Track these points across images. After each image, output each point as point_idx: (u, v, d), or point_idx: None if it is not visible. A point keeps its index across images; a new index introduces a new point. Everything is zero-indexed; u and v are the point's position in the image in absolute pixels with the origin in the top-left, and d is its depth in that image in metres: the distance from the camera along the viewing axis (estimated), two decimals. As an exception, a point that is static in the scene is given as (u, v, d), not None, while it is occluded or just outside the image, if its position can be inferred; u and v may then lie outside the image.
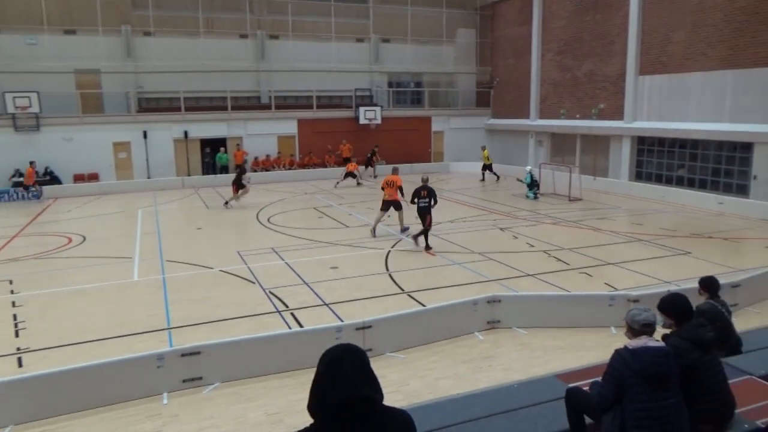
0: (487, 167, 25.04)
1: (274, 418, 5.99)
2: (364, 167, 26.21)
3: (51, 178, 23.44)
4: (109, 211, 19.41)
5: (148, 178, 24.85)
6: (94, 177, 24.34)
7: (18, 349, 7.77)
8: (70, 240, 14.65)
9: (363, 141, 28.38)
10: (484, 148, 26.03)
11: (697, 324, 3.96)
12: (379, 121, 28.15)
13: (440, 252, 12.51)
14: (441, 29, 30.83)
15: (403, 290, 9.93)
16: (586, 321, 8.03)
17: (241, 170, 19.89)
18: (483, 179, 24.99)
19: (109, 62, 25.41)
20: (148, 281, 10.87)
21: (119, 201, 21.18)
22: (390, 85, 30.78)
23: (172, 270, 11.53)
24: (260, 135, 27.02)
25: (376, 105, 28.77)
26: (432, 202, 12.52)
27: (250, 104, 27.90)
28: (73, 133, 23.91)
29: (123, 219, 18.12)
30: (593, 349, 7.32)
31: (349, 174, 23.55)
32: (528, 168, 21.12)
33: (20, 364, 7.32)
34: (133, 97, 25.52)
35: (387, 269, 11.31)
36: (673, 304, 4.11)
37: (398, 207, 14.04)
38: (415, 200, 12.56)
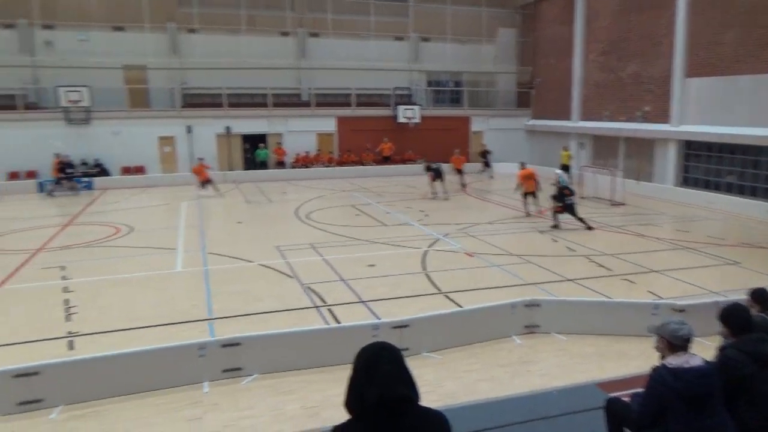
0: (565, 168, 22.67)
1: (310, 412, 6.06)
2: (482, 166, 26.70)
3: (100, 170, 24.30)
4: (154, 203, 20.00)
5: (192, 171, 25.47)
6: (140, 170, 25.14)
7: (69, 332, 8.09)
8: (118, 230, 15.17)
9: (401, 140, 28.44)
10: (565, 149, 24.75)
11: (757, 338, 3.82)
12: (417, 120, 28.12)
13: (479, 254, 12.43)
14: (481, 28, 30.58)
15: (440, 290, 9.91)
16: (628, 329, 7.84)
17: (427, 167, 20.28)
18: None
19: (155, 58, 26.14)
20: (190, 272, 11.15)
21: (164, 193, 21.77)
22: (429, 84, 30.70)
23: (213, 262, 11.80)
24: (300, 132, 27.37)
25: (414, 104, 28.74)
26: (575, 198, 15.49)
27: (290, 101, 28.26)
28: (121, 127, 24.72)
29: (167, 211, 18.65)
30: (636, 358, 7.15)
31: (458, 171, 22.81)
32: (558, 172, 20.59)
33: (71, 347, 7.62)
34: (178, 93, 26.17)
35: (424, 269, 11.31)
36: (733, 315, 3.98)
37: (535, 195, 16.75)
38: (565, 200, 15.04)
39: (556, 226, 15.06)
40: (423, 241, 13.59)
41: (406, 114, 27.99)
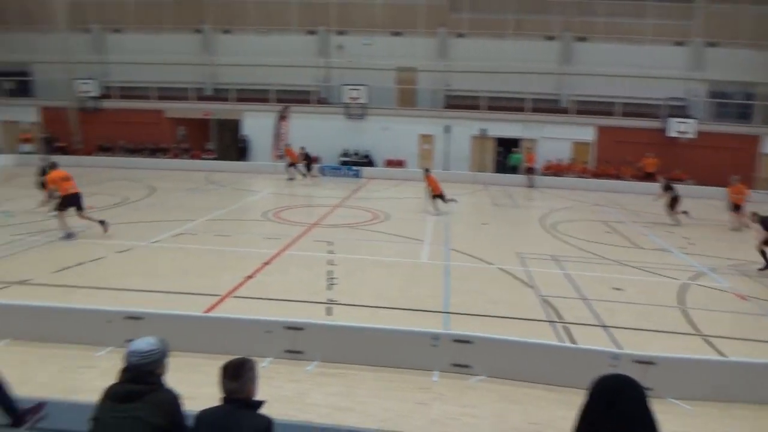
0: None
1: (533, 428, 5.90)
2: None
3: (368, 160, 27.35)
4: (408, 195, 21.70)
5: (444, 170, 26.81)
6: (400, 163, 27.51)
7: (328, 300, 9.32)
8: (376, 216, 16.88)
9: (669, 156, 25.58)
10: None
11: None
12: (692, 135, 24.97)
13: (754, 297, 10.52)
14: (790, 31, 25.59)
15: (698, 332, 8.69)
16: None
17: (666, 186, 17.86)
18: None
19: (425, 61, 28.14)
20: (433, 265, 11.80)
21: (418, 188, 23.34)
22: (711, 95, 26.89)
23: (455, 259, 12.28)
24: (555, 139, 26.66)
25: (690, 117, 25.51)
26: None
27: (547, 107, 27.68)
28: (389, 123, 27.36)
29: (420, 205, 19.99)
30: None
31: (736, 207, 17.24)
32: None
33: (329, 313, 8.77)
34: (441, 94, 27.78)
35: (680, 303, 10.02)
36: None
37: None
38: None
39: None
40: (683, 272, 12.04)
41: (679, 128, 25.06)
